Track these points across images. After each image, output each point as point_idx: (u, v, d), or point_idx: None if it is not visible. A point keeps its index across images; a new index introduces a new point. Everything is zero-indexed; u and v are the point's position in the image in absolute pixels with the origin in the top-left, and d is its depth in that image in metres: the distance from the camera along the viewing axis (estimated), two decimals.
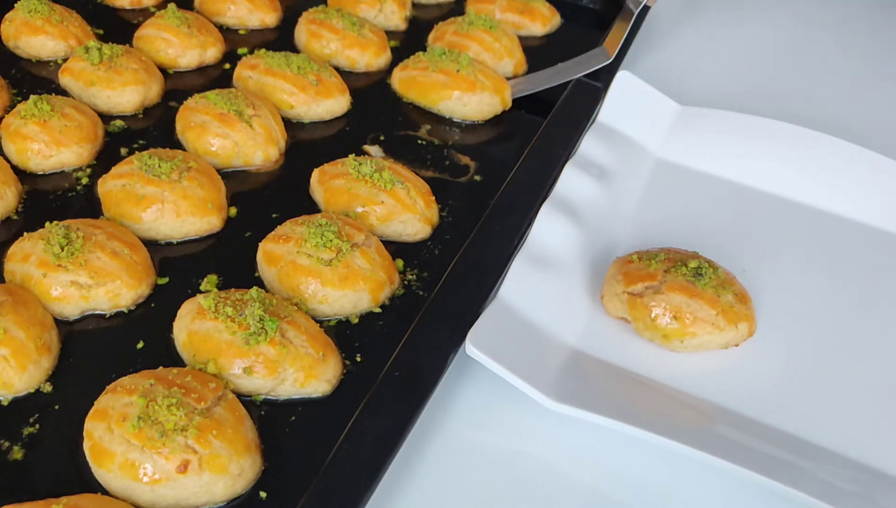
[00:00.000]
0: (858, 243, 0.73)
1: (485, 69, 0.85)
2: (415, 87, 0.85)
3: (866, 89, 0.98)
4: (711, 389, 0.59)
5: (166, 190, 0.66)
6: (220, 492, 0.49)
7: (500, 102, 0.84)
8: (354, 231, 0.64)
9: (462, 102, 0.83)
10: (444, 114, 0.84)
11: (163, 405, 0.49)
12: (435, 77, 0.83)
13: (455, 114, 0.83)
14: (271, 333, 0.55)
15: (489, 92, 0.83)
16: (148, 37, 0.87)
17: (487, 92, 0.83)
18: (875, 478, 0.54)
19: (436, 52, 0.86)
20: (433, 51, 0.86)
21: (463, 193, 0.75)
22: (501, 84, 0.84)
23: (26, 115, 0.72)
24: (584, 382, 0.58)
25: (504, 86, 0.85)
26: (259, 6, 0.94)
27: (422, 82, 0.84)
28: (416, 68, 0.86)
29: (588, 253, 0.68)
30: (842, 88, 0.98)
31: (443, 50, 0.86)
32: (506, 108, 0.85)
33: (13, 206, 0.68)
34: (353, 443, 0.50)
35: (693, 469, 0.54)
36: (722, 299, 0.60)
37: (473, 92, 0.82)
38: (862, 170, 0.75)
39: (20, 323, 0.55)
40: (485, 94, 0.83)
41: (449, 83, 0.83)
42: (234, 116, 0.74)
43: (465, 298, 0.60)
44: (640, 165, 0.78)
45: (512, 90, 0.86)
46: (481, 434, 0.56)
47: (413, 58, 0.87)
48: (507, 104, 0.85)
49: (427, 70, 0.84)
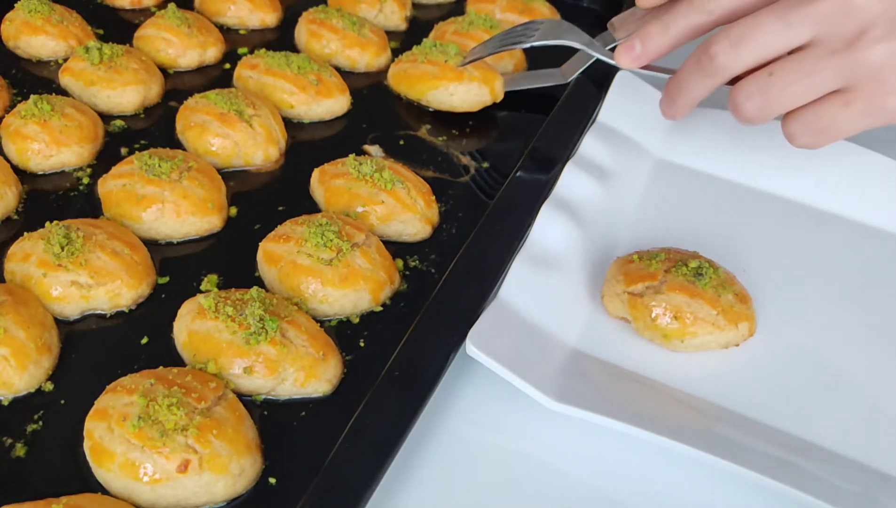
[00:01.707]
0: (858, 243, 0.73)
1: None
2: (405, 79, 0.84)
3: None
4: (711, 389, 0.59)
5: (166, 190, 0.66)
6: (220, 492, 0.49)
7: (490, 94, 0.82)
8: (355, 231, 0.64)
9: (449, 92, 0.81)
10: (432, 106, 0.83)
11: (163, 405, 0.49)
12: (423, 68, 0.82)
13: (443, 105, 0.82)
14: (272, 333, 0.55)
15: (477, 82, 0.81)
16: (148, 37, 0.87)
17: (475, 82, 0.81)
18: (875, 478, 0.54)
19: (426, 45, 0.85)
20: (424, 44, 0.85)
21: (463, 193, 0.75)
22: (491, 74, 0.82)
23: (26, 115, 0.72)
24: (584, 382, 0.58)
25: (494, 77, 0.82)
26: (259, 6, 0.94)
27: (411, 74, 0.83)
28: (406, 61, 0.85)
29: (588, 253, 0.68)
30: None
31: (434, 43, 0.85)
32: (496, 99, 0.82)
33: (13, 206, 0.68)
34: (353, 443, 0.50)
35: (693, 469, 0.54)
36: (722, 299, 0.60)
37: (461, 82, 0.81)
38: (862, 170, 0.75)
39: (20, 323, 0.55)
40: (472, 84, 0.81)
41: (436, 73, 0.81)
42: (234, 116, 0.74)
43: (465, 298, 0.60)
44: (640, 165, 0.78)
45: (506, 83, 0.84)
46: (481, 434, 0.56)
47: (406, 53, 0.87)
48: (498, 96, 0.83)
49: (416, 62, 0.84)
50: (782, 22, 0.58)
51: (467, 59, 0.81)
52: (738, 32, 0.59)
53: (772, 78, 0.59)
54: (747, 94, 0.61)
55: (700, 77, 0.63)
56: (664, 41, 0.66)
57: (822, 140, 0.62)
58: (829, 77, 0.59)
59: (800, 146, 0.63)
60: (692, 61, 0.63)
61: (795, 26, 0.58)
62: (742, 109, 0.62)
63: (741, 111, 0.62)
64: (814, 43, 0.58)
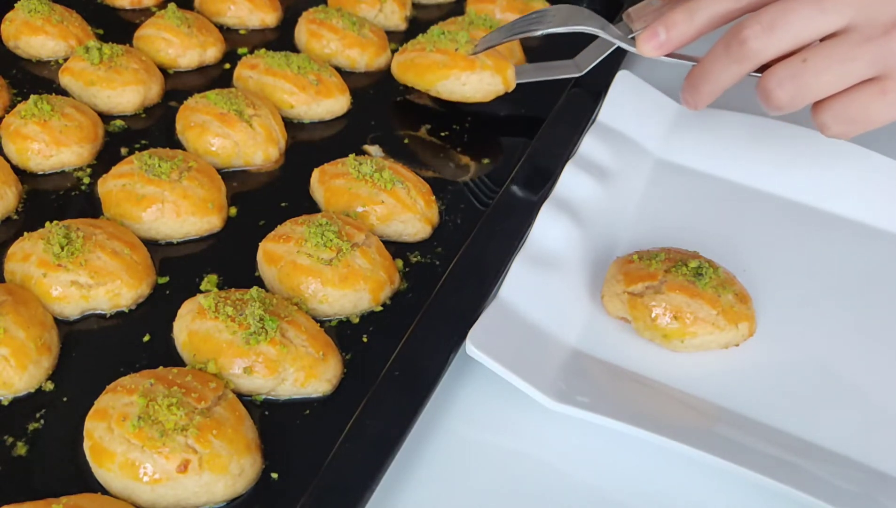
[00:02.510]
0: (858, 243, 0.73)
1: None
2: (412, 69, 0.81)
3: None
4: (711, 389, 0.59)
5: (166, 190, 0.66)
6: (220, 492, 0.49)
7: (502, 83, 0.79)
8: (355, 231, 0.64)
9: (461, 82, 0.78)
10: (442, 96, 0.79)
11: (163, 405, 0.49)
12: (432, 57, 0.79)
13: (454, 95, 0.79)
14: (271, 332, 0.55)
15: (490, 71, 0.78)
16: (148, 37, 0.87)
17: (488, 71, 0.78)
18: (875, 478, 0.54)
19: (434, 33, 0.82)
20: (432, 31, 0.83)
21: (463, 193, 0.75)
22: (503, 63, 0.79)
23: (26, 115, 0.72)
24: (584, 382, 0.58)
25: (506, 65, 0.80)
26: (259, 6, 0.95)
27: (419, 63, 0.80)
28: (413, 50, 0.82)
29: (588, 253, 0.68)
30: None
31: (441, 31, 0.82)
32: (508, 89, 0.80)
33: (13, 206, 0.68)
34: (353, 443, 0.50)
35: (693, 469, 0.54)
36: (722, 299, 0.60)
37: (473, 71, 0.78)
38: (862, 170, 0.75)
39: (20, 323, 0.55)
40: (485, 73, 0.78)
41: (447, 62, 0.78)
42: (234, 116, 0.74)
43: (465, 298, 0.60)
44: (640, 165, 0.78)
45: (518, 75, 0.82)
46: (481, 434, 0.56)
47: (411, 42, 0.84)
48: (510, 86, 0.80)
49: (424, 51, 0.80)
50: (817, 7, 0.56)
51: (479, 48, 0.78)
52: (770, 17, 0.58)
53: (805, 64, 0.57)
54: (778, 80, 0.59)
55: (728, 63, 0.61)
56: (689, 29, 0.64)
57: (854, 129, 0.61)
58: (865, 65, 0.57)
59: (831, 136, 0.62)
60: (720, 47, 0.61)
61: (830, 12, 0.56)
62: (773, 97, 0.59)
63: (772, 99, 0.60)
64: (849, 29, 0.57)
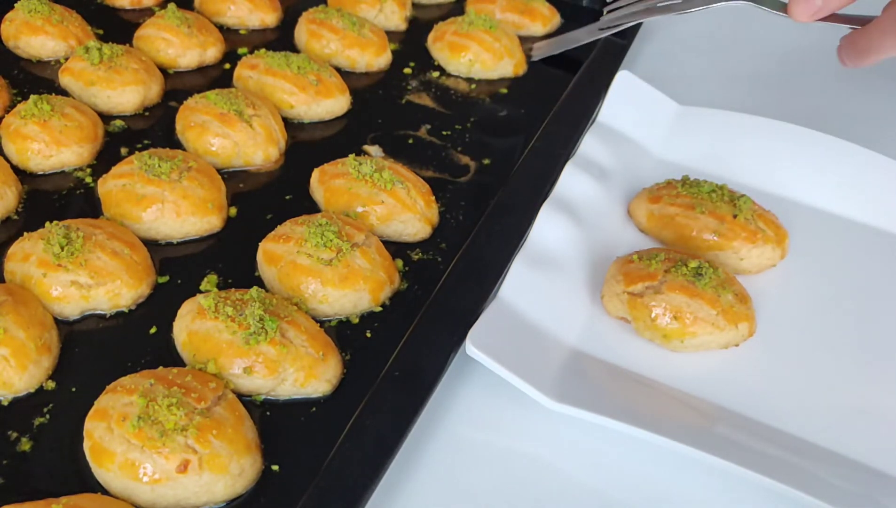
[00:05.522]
0: (859, 243, 0.73)
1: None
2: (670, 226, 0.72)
3: (867, 89, 0.98)
4: (711, 389, 0.59)
5: (166, 190, 0.66)
6: (220, 492, 0.49)
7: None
8: (354, 231, 0.64)
9: (739, 257, 0.69)
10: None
11: (163, 405, 0.49)
12: (703, 221, 0.70)
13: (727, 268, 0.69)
14: (271, 333, 0.55)
15: (771, 244, 0.69)
16: (148, 37, 0.87)
17: (770, 244, 0.70)
18: (875, 478, 0.54)
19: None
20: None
21: (463, 193, 0.75)
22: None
23: (26, 115, 0.72)
24: (584, 382, 0.58)
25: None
26: (259, 6, 0.95)
27: (681, 224, 0.71)
28: (673, 204, 0.72)
29: (588, 253, 0.68)
30: (842, 88, 0.98)
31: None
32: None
33: (13, 206, 0.68)
34: (353, 443, 0.50)
35: (693, 469, 0.54)
36: (722, 299, 0.60)
37: (754, 244, 0.69)
38: (862, 170, 0.75)
39: (20, 323, 0.55)
40: (767, 246, 0.70)
41: (721, 231, 0.69)
42: (234, 116, 0.74)
43: (465, 298, 0.60)
44: (640, 165, 0.78)
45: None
46: (481, 434, 0.56)
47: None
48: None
49: (693, 210, 0.71)
50: None
51: (605, 22, 0.86)
52: None
53: None
54: None
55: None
56: None
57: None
58: None
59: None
60: (888, 22, 0.59)
61: None
62: None
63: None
64: None
